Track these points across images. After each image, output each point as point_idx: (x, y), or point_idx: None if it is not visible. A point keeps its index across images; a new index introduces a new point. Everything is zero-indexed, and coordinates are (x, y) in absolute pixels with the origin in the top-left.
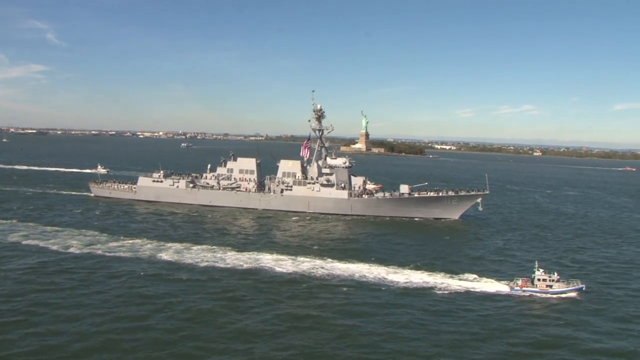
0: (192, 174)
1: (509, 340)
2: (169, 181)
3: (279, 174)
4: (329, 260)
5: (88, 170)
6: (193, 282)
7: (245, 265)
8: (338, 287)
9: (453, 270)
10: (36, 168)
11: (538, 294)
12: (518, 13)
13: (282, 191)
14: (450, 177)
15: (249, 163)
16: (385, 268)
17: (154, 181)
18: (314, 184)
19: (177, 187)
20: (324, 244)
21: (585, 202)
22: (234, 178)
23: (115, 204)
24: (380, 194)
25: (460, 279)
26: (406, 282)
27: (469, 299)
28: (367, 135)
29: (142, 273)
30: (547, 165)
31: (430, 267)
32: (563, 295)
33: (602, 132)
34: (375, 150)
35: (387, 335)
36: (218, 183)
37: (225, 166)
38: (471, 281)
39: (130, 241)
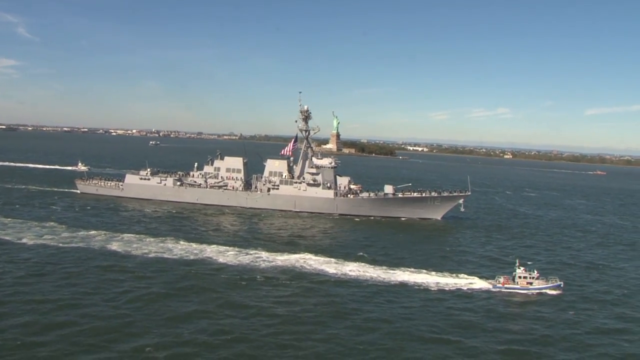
0: (179, 172)
1: (492, 334)
2: (156, 179)
3: (266, 173)
4: (278, 253)
5: (69, 168)
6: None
7: (191, 257)
8: (285, 281)
9: (436, 268)
10: (11, 164)
11: (519, 291)
12: (493, 17)
13: (268, 190)
14: (416, 177)
15: (236, 162)
16: (368, 265)
17: (141, 179)
18: (300, 183)
19: (165, 185)
20: (288, 239)
21: (547, 204)
22: (221, 177)
23: (101, 200)
24: (365, 194)
25: (443, 277)
26: (390, 279)
27: (453, 296)
28: (338, 135)
29: (93, 264)
30: (514, 168)
31: (414, 265)
32: (543, 292)
33: (574, 136)
34: (346, 150)
35: (365, 330)
36: (205, 181)
37: (212, 165)
38: (454, 278)
39: (85, 232)
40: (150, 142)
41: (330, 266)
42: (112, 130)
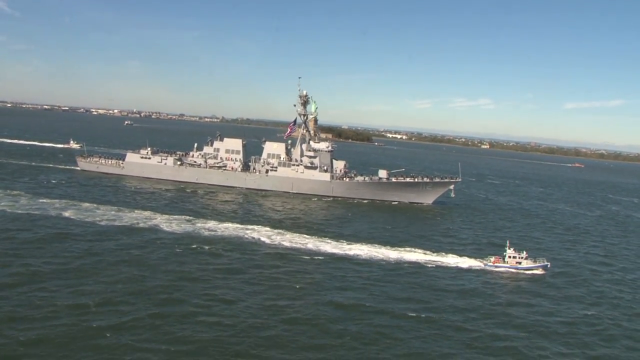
0: (179, 152)
1: (483, 307)
2: (156, 158)
3: (264, 155)
4: (229, 224)
5: (60, 145)
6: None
7: (141, 224)
8: (259, 254)
9: (431, 248)
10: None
11: (508, 270)
12: (477, 7)
13: (267, 171)
14: (389, 164)
15: (235, 143)
16: (364, 245)
17: (142, 157)
18: (298, 165)
19: (165, 164)
20: (261, 215)
21: (515, 192)
22: (220, 157)
23: (101, 178)
24: (360, 178)
25: (438, 256)
26: (386, 257)
27: (448, 273)
28: (315, 120)
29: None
30: (488, 158)
31: (408, 245)
32: (530, 271)
33: (553, 128)
34: (323, 135)
35: (358, 304)
36: (205, 162)
37: (212, 146)
38: (449, 258)
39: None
40: (126, 122)
41: (328, 245)
42: (94, 110)
